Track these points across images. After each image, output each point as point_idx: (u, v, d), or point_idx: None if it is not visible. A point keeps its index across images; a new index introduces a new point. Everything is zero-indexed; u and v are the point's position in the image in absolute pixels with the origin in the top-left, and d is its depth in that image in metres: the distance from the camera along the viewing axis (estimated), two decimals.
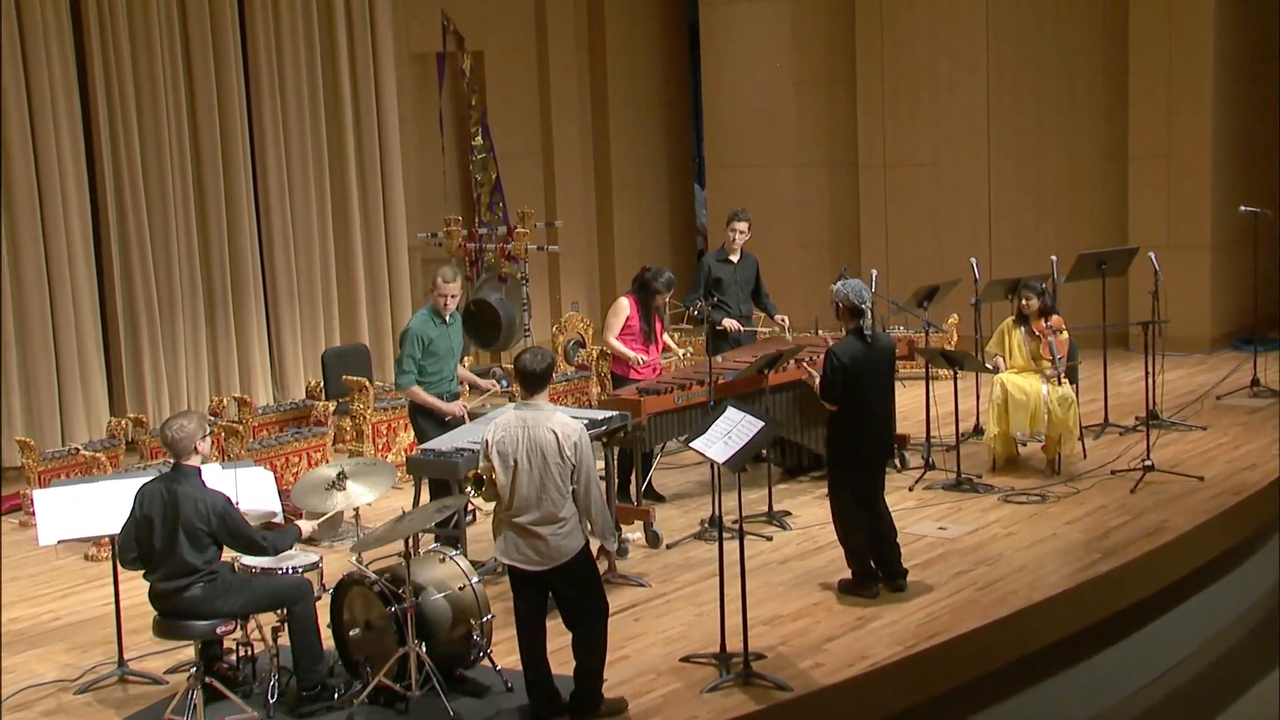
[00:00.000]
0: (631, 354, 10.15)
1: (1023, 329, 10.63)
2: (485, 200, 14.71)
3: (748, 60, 15.61)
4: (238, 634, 7.34)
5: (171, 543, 6.99)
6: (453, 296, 9.47)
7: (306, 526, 7.46)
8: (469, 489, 7.24)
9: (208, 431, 7.24)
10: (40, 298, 11.64)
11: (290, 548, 7.34)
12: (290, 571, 7.44)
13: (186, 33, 12.43)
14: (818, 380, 8.57)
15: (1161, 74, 14.12)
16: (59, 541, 7.89)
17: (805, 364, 9.79)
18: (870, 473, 8.50)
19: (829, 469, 8.66)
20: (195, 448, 7.11)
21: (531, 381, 7.03)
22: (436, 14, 14.40)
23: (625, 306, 10.19)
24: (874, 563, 8.49)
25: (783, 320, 11.13)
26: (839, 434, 8.42)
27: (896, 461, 10.57)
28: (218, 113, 12.58)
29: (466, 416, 9.46)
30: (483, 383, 9.97)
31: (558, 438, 6.86)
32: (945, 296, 11.70)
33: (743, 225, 10.99)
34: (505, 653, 7.51)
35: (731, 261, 11.07)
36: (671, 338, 10.83)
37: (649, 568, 9.11)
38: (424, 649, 7.12)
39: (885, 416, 8.54)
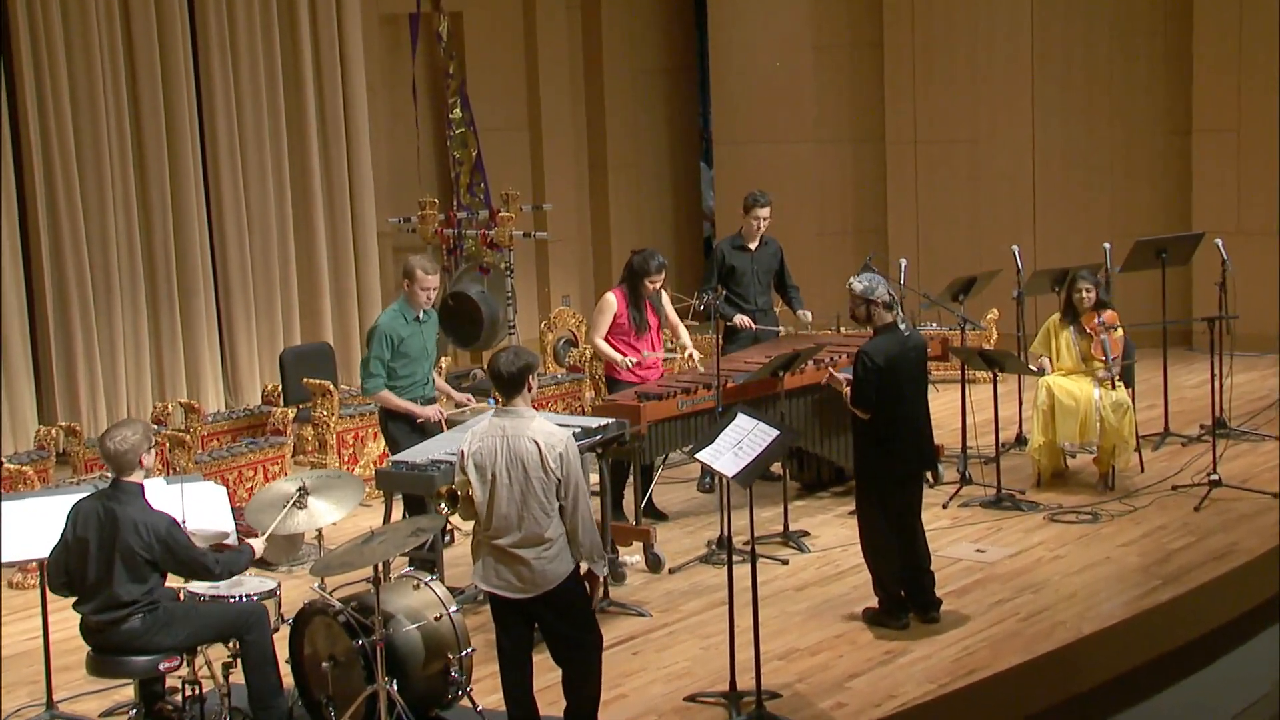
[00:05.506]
0: (619, 357, 10.15)
1: (1072, 327, 10.63)
2: (465, 181, 14.72)
3: (760, 22, 15.62)
4: (183, 671, 7.32)
5: (107, 570, 6.99)
6: (434, 290, 9.50)
7: (260, 545, 7.46)
8: (442, 506, 7.25)
9: (153, 443, 7.24)
10: None
11: (244, 570, 7.34)
12: (243, 599, 7.44)
13: None
14: (846, 389, 8.61)
15: (1231, 36, 14.12)
16: None
17: (828, 367, 9.78)
18: (905, 489, 8.52)
19: (858, 484, 8.68)
20: (140, 461, 7.11)
21: (507, 385, 7.03)
22: None
23: (612, 302, 10.19)
24: (904, 591, 8.51)
25: (804, 315, 11.13)
26: (870, 445, 8.44)
27: (929, 475, 10.58)
28: (161, 83, 12.58)
29: (444, 423, 9.46)
30: (458, 395, 9.98)
31: (540, 448, 6.87)
32: (984, 289, 11.71)
33: (764, 211, 10.99)
34: (487, 691, 7.52)
35: (749, 249, 11.07)
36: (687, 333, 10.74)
37: (649, 595, 9.12)
38: (395, 687, 7.12)
39: (921, 425, 8.56)
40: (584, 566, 7.27)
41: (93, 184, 12.26)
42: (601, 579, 8.79)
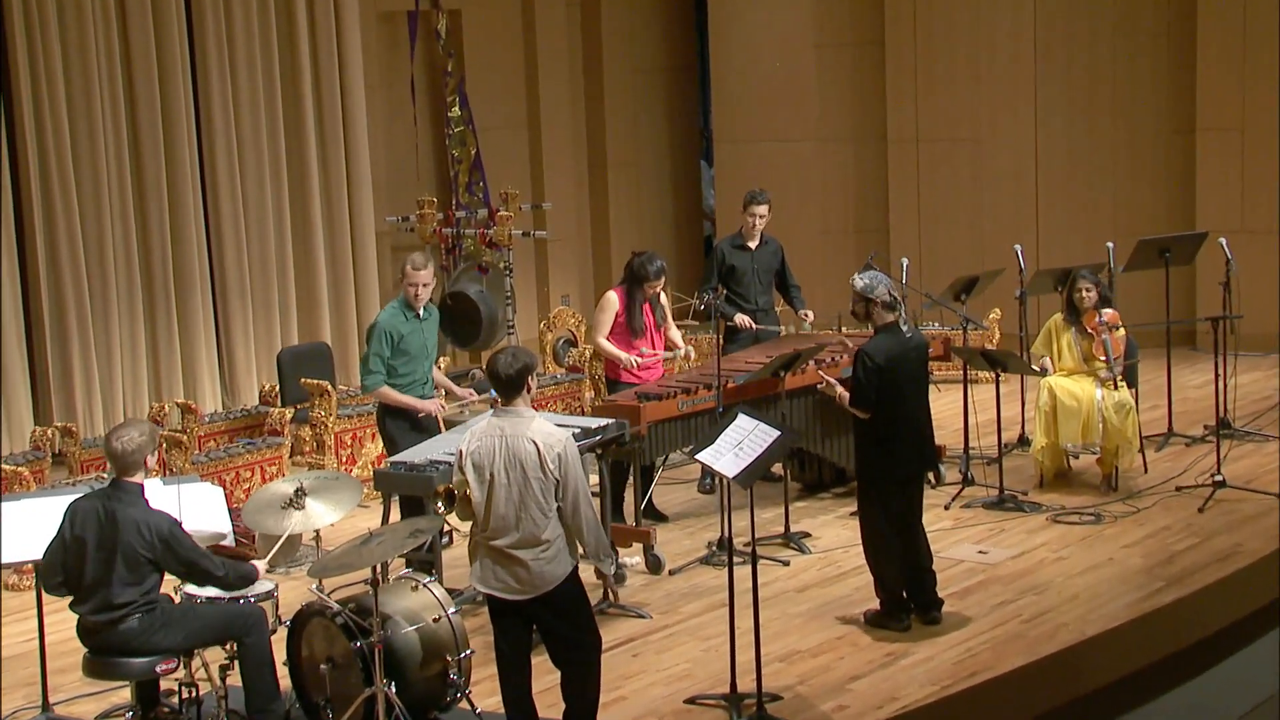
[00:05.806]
0: (624, 356, 10.17)
1: (1074, 328, 10.63)
2: (463, 179, 14.71)
3: (762, 20, 15.61)
4: (180, 673, 7.32)
5: (106, 570, 6.98)
6: (424, 286, 9.47)
7: (263, 567, 7.45)
8: (439, 506, 7.24)
9: (157, 444, 7.24)
10: None
11: (248, 586, 7.33)
12: (241, 601, 7.43)
13: None
14: (838, 391, 8.63)
15: (1235, 34, 14.11)
16: None
17: (823, 372, 9.78)
18: (906, 490, 8.53)
19: (859, 486, 8.69)
20: (144, 462, 7.11)
21: (506, 386, 7.04)
22: None
23: (614, 301, 10.21)
24: (905, 591, 8.51)
25: (806, 315, 11.13)
26: (871, 446, 8.45)
27: (931, 476, 10.58)
28: (158, 81, 12.56)
29: (442, 424, 9.46)
30: (459, 390, 9.98)
31: (539, 449, 6.87)
32: (986, 289, 11.70)
33: (762, 209, 11.01)
34: (486, 693, 7.52)
35: (749, 248, 11.08)
36: (679, 334, 10.77)
37: (649, 596, 9.11)
38: (393, 689, 7.11)
39: (922, 425, 8.58)
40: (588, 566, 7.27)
41: (88, 181, 12.24)
42: (610, 577, 8.82)
